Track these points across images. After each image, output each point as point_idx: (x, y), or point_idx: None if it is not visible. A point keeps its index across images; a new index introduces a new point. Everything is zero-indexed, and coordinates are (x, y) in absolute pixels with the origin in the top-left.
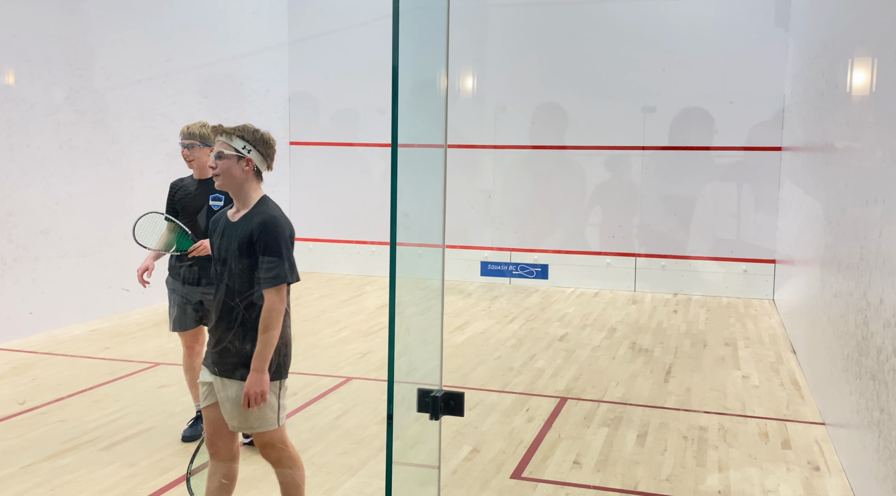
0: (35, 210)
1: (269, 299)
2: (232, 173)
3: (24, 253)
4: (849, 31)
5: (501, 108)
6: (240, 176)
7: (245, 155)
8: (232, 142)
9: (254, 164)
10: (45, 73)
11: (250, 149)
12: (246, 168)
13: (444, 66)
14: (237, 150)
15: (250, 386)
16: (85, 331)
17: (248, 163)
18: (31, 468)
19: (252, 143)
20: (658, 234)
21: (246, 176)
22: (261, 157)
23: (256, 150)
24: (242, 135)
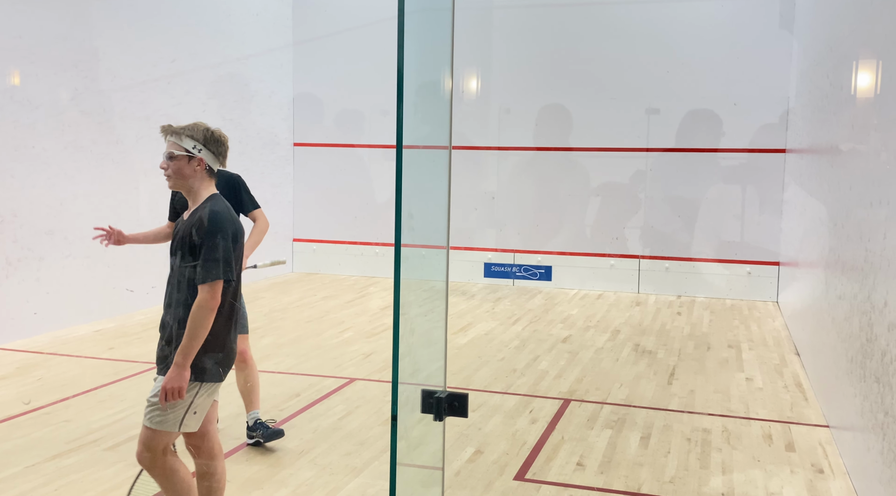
0: (40, 210)
1: (201, 295)
2: (183, 173)
3: (28, 253)
4: (853, 34)
5: (505, 109)
6: (191, 175)
7: (195, 154)
8: (182, 142)
9: (205, 163)
10: (51, 74)
11: (201, 148)
12: (197, 167)
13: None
14: (187, 150)
15: (168, 380)
16: (89, 331)
17: (199, 162)
18: (36, 468)
19: (202, 142)
20: (662, 236)
21: (197, 175)
22: (212, 155)
23: (207, 149)
24: (192, 134)
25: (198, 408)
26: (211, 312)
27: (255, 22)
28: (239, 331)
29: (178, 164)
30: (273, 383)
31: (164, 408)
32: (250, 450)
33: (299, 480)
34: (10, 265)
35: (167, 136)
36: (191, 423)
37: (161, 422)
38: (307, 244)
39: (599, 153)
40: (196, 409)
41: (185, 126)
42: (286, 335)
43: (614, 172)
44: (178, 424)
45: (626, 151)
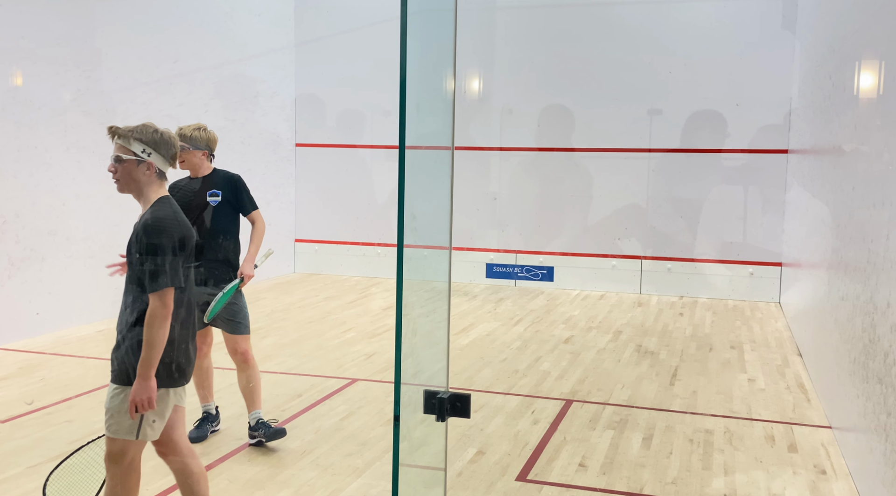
0: (42, 211)
1: (152, 304)
2: (132, 177)
3: (31, 254)
4: (856, 34)
5: (508, 110)
6: (140, 179)
7: (145, 159)
8: (130, 145)
9: (155, 167)
10: (53, 75)
11: (150, 152)
12: (147, 172)
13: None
14: (136, 154)
15: (136, 393)
16: (92, 331)
17: (148, 166)
18: (38, 468)
19: (152, 145)
20: (664, 237)
21: (146, 179)
22: (162, 158)
23: (157, 153)
24: (141, 137)
25: (156, 416)
26: (164, 320)
27: (257, 22)
28: (241, 332)
29: (127, 167)
30: (275, 384)
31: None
32: (252, 450)
33: (301, 481)
34: (12, 265)
35: (114, 138)
36: (150, 432)
37: (116, 430)
38: (309, 244)
39: (602, 154)
40: (154, 417)
41: (134, 128)
42: (288, 335)
43: (617, 173)
44: (134, 433)
45: (629, 152)
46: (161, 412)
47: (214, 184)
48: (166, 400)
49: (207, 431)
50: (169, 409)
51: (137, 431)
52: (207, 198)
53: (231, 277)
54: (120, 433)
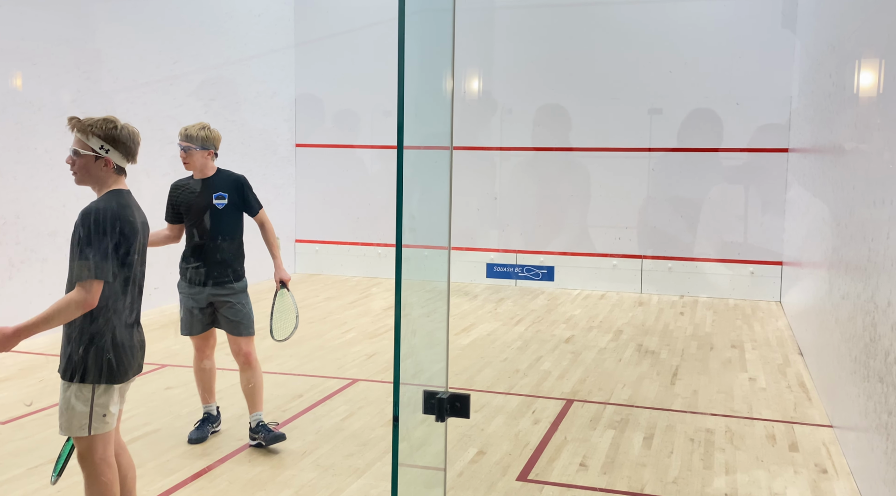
0: (43, 212)
1: (76, 292)
2: (89, 172)
3: (31, 255)
4: (856, 33)
5: (507, 110)
6: (98, 175)
7: (102, 155)
8: (88, 141)
9: (113, 163)
10: (53, 76)
11: (108, 149)
12: (105, 168)
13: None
14: (94, 150)
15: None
16: None
17: (106, 162)
18: (39, 469)
19: (110, 141)
20: (664, 236)
21: (104, 174)
22: (120, 155)
23: (116, 150)
24: (100, 133)
25: (105, 410)
26: (78, 310)
27: (257, 23)
28: (243, 333)
29: (84, 162)
30: (276, 384)
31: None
32: (253, 451)
33: (302, 481)
34: (12, 267)
35: (74, 131)
36: (102, 426)
37: (68, 428)
38: (309, 245)
39: (602, 153)
40: (103, 411)
41: (94, 122)
42: None
43: (617, 172)
44: (85, 429)
45: (629, 151)
46: (107, 406)
47: (220, 186)
48: (111, 395)
49: (208, 432)
50: (116, 404)
51: (88, 427)
52: (213, 200)
53: (230, 279)
54: (72, 430)
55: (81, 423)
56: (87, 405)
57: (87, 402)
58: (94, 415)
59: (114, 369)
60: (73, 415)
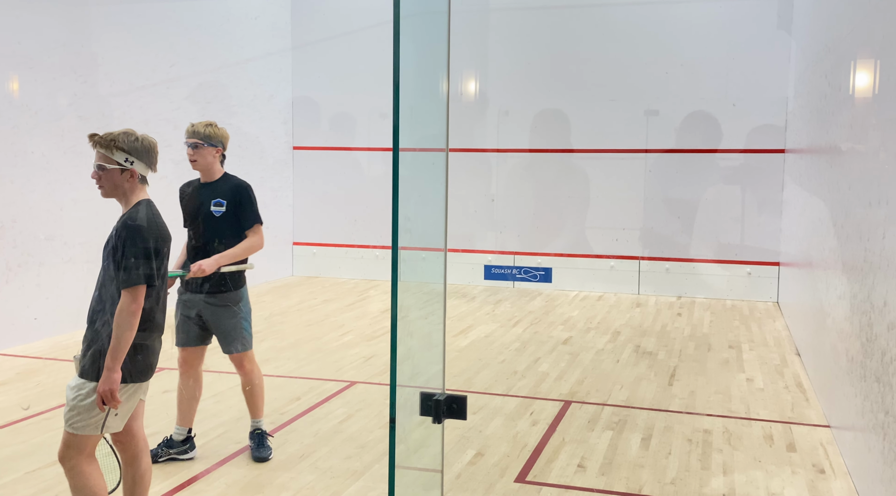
0: (39, 216)
1: (123, 299)
2: (115, 184)
3: (28, 259)
4: (852, 34)
5: (504, 111)
6: (124, 186)
7: (127, 167)
8: (113, 155)
9: (138, 173)
10: (49, 80)
11: (133, 161)
12: (130, 179)
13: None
14: (119, 163)
15: (103, 385)
16: None
17: (132, 174)
18: (36, 473)
19: (134, 153)
20: (662, 237)
21: (130, 185)
22: (144, 165)
23: (140, 161)
24: (123, 146)
25: (119, 410)
26: (133, 316)
27: (254, 26)
28: (231, 351)
29: (110, 175)
30: (273, 387)
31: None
32: (251, 454)
33: (300, 484)
34: (9, 271)
35: (96, 147)
36: (113, 424)
37: (83, 427)
38: (307, 248)
39: (599, 154)
40: (118, 411)
41: (115, 137)
42: (286, 339)
43: (614, 174)
44: (100, 427)
45: (626, 153)
46: (125, 405)
47: (221, 192)
48: (134, 394)
49: (160, 455)
50: (134, 403)
51: (102, 426)
52: (211, 206)
53: (224, 289)
54: (87, 429)
55: (97, 422)
56: None
57: None
58: (109, 414)
59: (141, 369)
60: (91, 414)
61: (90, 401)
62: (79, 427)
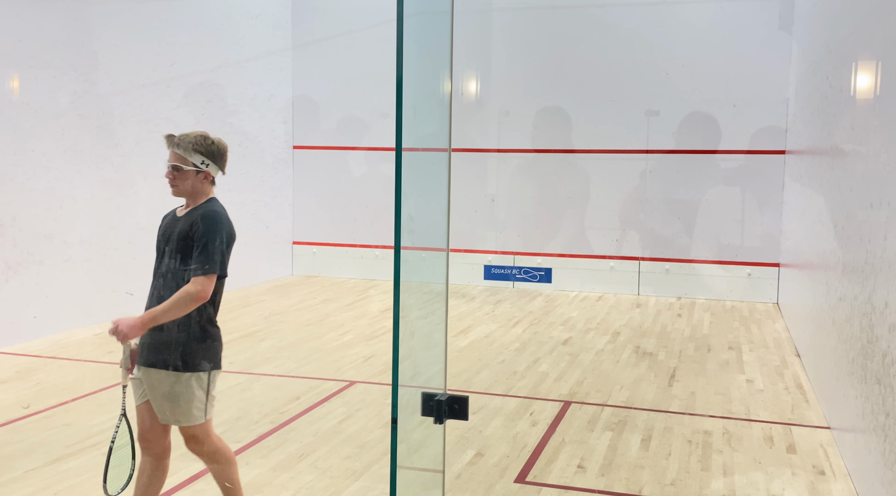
0: (39, 214)
1: (194, 285)
2: (189, 185)
3: (28, 257)
4: (853, 35)
5: (505, 111)
6: (198, 187)
7: (203, 169)
8: (190, 157)
9: (211, 175)
10: (50, 78)
11: (208, 163)
12: (203, 180)
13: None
14: (195, 165)
15: (127, 326)
16: (89, 334)
17: (206, 176)
18: (36, 472)
19: (209, 156)
20: (662, 238)
21: (203, 186)
22: (217, 167)
23: (214, 163)
24: (200, 149)
25: (214, 393)
26: (196, 303)
27: (255, 25)
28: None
29: (185, 176)
30: (273, 386)
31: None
32: (250, 453)
33: (300, 484)
34: (9, 269)
35: (172, 148)
36: (211, 408)
37: (188, 418)
38: (307, 247)
39: (599, 155)
40: (214, 394)
41: (192, 139)
42: (286, 338)
43: (614, 174)
44: (203, 413)
45: (626, 153)
46: (215, 389)
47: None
48: (215, 380)
49: None
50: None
51: (205, 412)
52: None
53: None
54: (190, 419)
55: (200, 410)
56: (204, 391)
57: (204, 388)
58: (209, 400)
59: (219, 355)
60: (193, 403)
61: (189, 390)
62: (189, 418)
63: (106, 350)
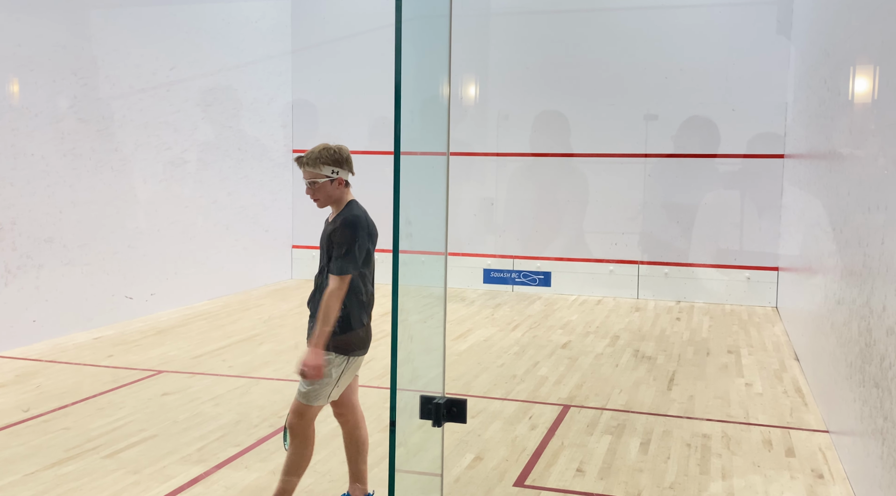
0: (39, 218)
1: (332, 284)
2: (328, 194)
3: (27, 261)
4: (850, 39)
5: (504, 115)
6: (335, 194)
7: (335, 177)
8: (321, 170)
9: (344, 179)
10: (50, 82)
11: (337, 170)
12: (339, 186)
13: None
14: (327, 175)
15: (306, 360)
16: (88, 338)
17: (339, 182)
18: (35, 476)
19: (335, 164)
20: (661, 242)
21: (340, 191)
22: (346, 171)
23: (342, 169)
24: (328, 161)
25: (342, 381)
26: (338, 300)
27: (254, 29)
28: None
29: (323, 188)
30: (273, 390)
31: (307, 383)
32: (250, 457)
33: (299, 487)
34: (9, 273)
35: (304, 167)
36: (335, 394)
37: (316, 397)
38: (306, 251)
39: (598, 159)
40: (341, 383)
41: (317, 154)
42: (285, 342)
43: (613, 178)
44: (328, 397)
45: (625, 157)
46: (348, 378)
47: None
48: (351, 366)
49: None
50: (352, 375)
51: (329, 396)
52: None
53: None
54: (319, 399)
55: (326, 392)
56: (335, 377)
57: (339, 372)
58: (336, 386)
59: (359, 344)
60: (325, 384)
61: (330, 372)
62: (312, 397)
63: (105, 354)
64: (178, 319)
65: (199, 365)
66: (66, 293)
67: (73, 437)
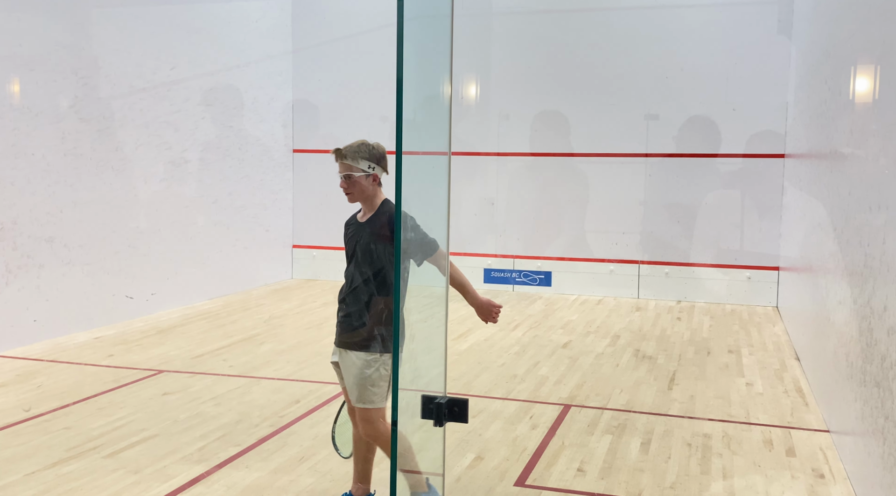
0: (40, 218)
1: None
2: (362, 189)
3: (28, 261)
4: (851, 39)
5: (505, 115)
6: (370, 190)
7: (371, 172)
8: (358, 164)
9: (379, 177)
10: (50, 82)
11: (374, 166)
12: (373, 182)
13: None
14: (364, 170)
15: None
16: (89, 338)
17: (374, 178)
18: (36, 475)
19: (374, 160)
20: (661, 242)
21: (374, 188)
22: (382, 169)
23: (379, 165)
24: (365, 156)
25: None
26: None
27: (255, 29)
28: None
29: (358, 182)
30: (273, 390)
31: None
32: (250, 457)
33: (300, 487)
34: (10, 272)
35: (340, 159)
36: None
37: (372, 399)
38: (307, 250)
39: (599, 158)
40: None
41: (355, 148)
42: (286, 341)
43: (614, 177)
44: (384, 397)
45: (626, 157)
46: None
47: None
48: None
49: None
50: None
51: (387, 395)
52: None
53: None
54: (377, 401)
55: (384, 390)
56: (387, 376)
57: (388, 368)
58: (391, 385)
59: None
60: (383, 385)
61: (381, 372)
62: (376, 401)
63: (106, 353)
64: (179, 319)
65: (199, 364)
66: (66, 293)
67: (74, 437)
